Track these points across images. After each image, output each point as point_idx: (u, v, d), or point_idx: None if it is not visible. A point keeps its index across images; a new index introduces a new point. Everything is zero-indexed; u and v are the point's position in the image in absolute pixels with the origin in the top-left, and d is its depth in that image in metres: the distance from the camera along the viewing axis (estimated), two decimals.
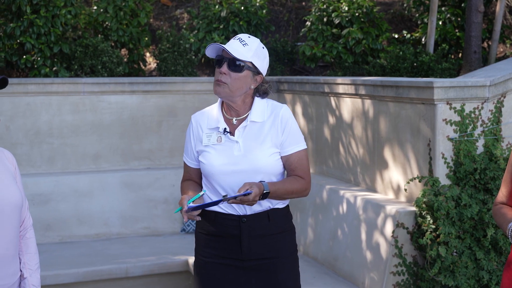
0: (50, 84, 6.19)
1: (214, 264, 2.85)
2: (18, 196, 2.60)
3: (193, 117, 2.96)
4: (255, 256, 2.84)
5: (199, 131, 2.89)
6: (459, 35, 7.13)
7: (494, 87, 4.55)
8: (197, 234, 2.96)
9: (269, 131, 2.86)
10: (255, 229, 2.83)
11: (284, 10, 8.43)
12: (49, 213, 5.95)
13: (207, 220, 2.86)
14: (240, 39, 2.82)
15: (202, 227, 2.91)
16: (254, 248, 2.84)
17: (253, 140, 2.84)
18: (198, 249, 2.94)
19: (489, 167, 4.39)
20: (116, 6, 7.00)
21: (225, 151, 2.82)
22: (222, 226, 2.83)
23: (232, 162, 2.80)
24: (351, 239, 4.87)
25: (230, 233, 2.83)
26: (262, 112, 2.88)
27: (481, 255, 4.27)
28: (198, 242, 2.94)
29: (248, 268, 2.84)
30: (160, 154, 6.53)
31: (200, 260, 2.91)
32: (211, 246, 2.87)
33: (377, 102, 5.04)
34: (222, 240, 2.84)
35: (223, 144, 2.83)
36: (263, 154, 2.83)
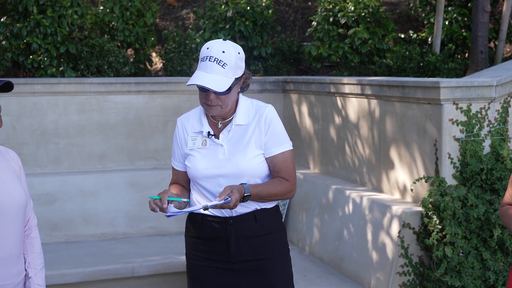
0: (57, 84, 6.20)
1: (203, 267, 2.87)
2: (23, 196, 2.61)
3: (178, 120, 2.95)
4: (244, 257, 2.84)
5: (184, 134, 2.91)
6: (466, 35, 7.11)
7: (501, 87, 4.54)
8: (186, 237, 2.98)
9: (253, 132, 2.83)
10: (242, 230, 2.83)
11: (290, 10, 8.42)
12: (55, 213, 5.96)
13: (194, 223, 2.90)
14: (218, 60, 2.71)
15: (190, 230, 2.94)
16: (243, 249, 2.83)
17: (237, 143, 2.83)
18: (187, 252, 2.97)
19: (496, 167, 4.38)
20: (122, 6, 7.01)
21: (210, 155, 2.83)
22: (209, 229, 2.85)
23: (216, 165, 2.81)
24: (357, 239, 4.86)
25: (217, 235, 2.84)
26: (246, 114, 2.85)
27: (488, 256, 4.25)
28: (187, 245, 2.97)
29: (237, 270, 2.84)
30: (166, 154, 6.53)
31: (190, 263, 2.93)
32: (199, 249, 2.89)
33: (383, 102, 5.03)
34: (210, 242, 2.86)
35: (207, 147, 2.84)
36: (247, 157, 2.81)
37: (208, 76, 2.72)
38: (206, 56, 2.73)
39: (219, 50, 2.73)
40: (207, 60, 2.72)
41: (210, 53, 2.73)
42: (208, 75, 2.72)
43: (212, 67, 2.72)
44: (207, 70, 2.72)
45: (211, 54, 2.73)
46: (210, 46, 2.75)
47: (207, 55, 2.73)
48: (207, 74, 2.72)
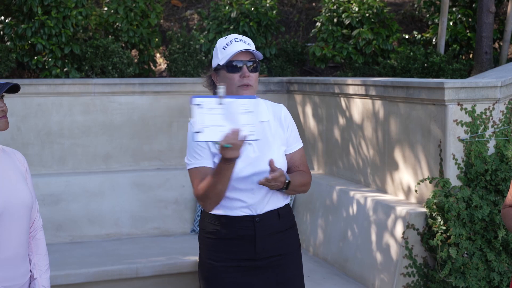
0: (61, 85, 6.22)
1: (225, 267, 2.85)
2: (29, 197, 2.62)
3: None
4: (267, 254, 2.87)
5: None
6: (470, 36, 7.11)
7: (506, 88, 4.53)
8: (204, 238, 2.93)
9: (276, 130, 2.90)
10: (268, 227, 2.86)
11: (294, 11, 8.42)
12: (60, 213, 5.97)
13: (217, 224, 2.86)
14: (243, 40, 2.83)
15: (210, 232, 2.89)
16: (266, 246, 2.86)
17: (265, 140, 2.85)
18: (206, 253, 2.92)
19: (500, 168, 4.37)
20: (126, 7, 7.02)
21: (242, 154, 2.78)
22: (235, 228, 2.84)
23: (250, 164, 2.81)
24: (361, 240, 4.86)
25: (244, 234, 2.84)
26: (265, 111, 2.91)
27: (492, 257, 4.25)
28: (205, 247, 2.92)
29: (260, 267, 2.86)
30: (171, 155, 6.55)
31: (209, 264, 2.89)
32: (220, 250, 2.86)
33: (387, 103, 5.03)
34: (234, 242, 2.84)
35: None
36: (277, 153, 2.87)
37: (244, 45, 2.80)
38: (231, 40, 2.81)
39: (237, 35, 2.85)
40: (235, 41, 2.81)
41: (232, 37, 2.83)
42: (244, 45, 2.80)
43: (242, 42, 2.81)
44: (240, 43, 2.81)
45: (233, 37, 2.83)
46: (229, 35, 2.86)
47: (232, 38, 2.82)
48: (243, 44, 2.81)
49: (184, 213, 6.30)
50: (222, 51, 2.81)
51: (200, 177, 2.78)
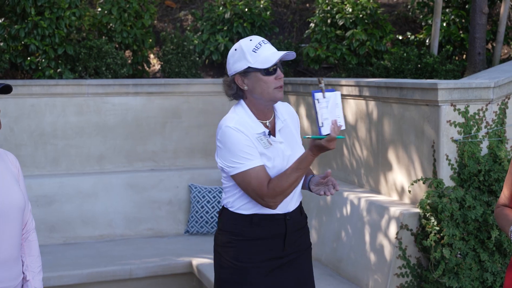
0: (55, 86, 6.21)
1: (257, 268, 2.86)
2: (21, 198, 2.61)
3: (234, 125, 2.81)
4: (293, 250, 2.94)
5: (250, 136, 2.82)
6: (463, 37, 7.12)
7: (499, 89, 4.55)
8: (228, 241, 2.88)
9: (293, 127, 3.00)
10: (295, 224, 2.94)
11: (288, 11, 8.43)
12: (53, 214, 5.96)
13: (247, 224, 2.86)
14: (269, 43, 2.86)
15: (237, 233, 2.87)
16: (294, 242, 2.94)
17: (290, 138, 2.94)
18: (231, 255, 2.87)
19: (494, 168, 4.38)
20: (120, 8, 7.01)
21: (279, 153, 2.86)
22: (268, 227, 2.87)
23: (287, 162, 2.86)
24: (355, 240, 4.86)
25: (276, 232, 2.88)
26: (281, 111, 2.97)
27: (485, 257, 4.26)
28: (230, 249, 2.88)
29: (286, 264, 2.92)
30: (164, 156, 6.54)
31: (235, 265, 2.86)
32: (248, 251, 2.86)
33: (381, 103, 5.04)
34: (264, 241, 2.87)
35: (273, 147, 2.85)
36: (302, 150, 2.95)
37: (277, 51, 2.83)
38: (259, 42, 2.82)
39: (260, 38, 2.86)
40: (264, 44, 2.83)
41: (257, 39, 2.84)
42: (275, 50, 2.83)
43: (270, 45, 2.85)
44: (269, 46, 2.83)
45: (259, 39, 2.84)
46: (252, 38, 2.86)
47: (259, 40, 2.83)
48: (272, 47, 2.84)
49: (177, 214, 6.29)
50: (253, 54, 2.80)
51: (259, 177, 2.76)
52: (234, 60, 2.85)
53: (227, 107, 6.69)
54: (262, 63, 2.78)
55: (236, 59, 2.84)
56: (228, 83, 2.89)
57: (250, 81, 2.82)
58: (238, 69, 2.83)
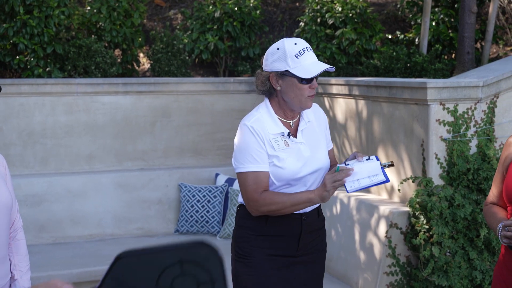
0: (44, 85, 6.18)
1: (269, 261, 2.88)
2: (8, 197, 2.59)
3: (250, 124, 2.83)
4: (307, 250, 2.93)
5: (263, 136, 2.81)
6: (452, 36, 7.15)
7: (487, 88, 4.57)
8: (245, 236, 2.90)
9: (319, 128, 2.98)
10: (311, 225, 2.93)
11: (278, 10, 8.43)
12: (42, 214, 5.93)
13: (263, 222, 2.86)
14: (311, 50, 2.84)
15: (251, 228, 2.89)
16: (308, 243, 2.93)
17: (313, 140, 2.91)
18: (248, 250, 2.89)
19: (482, 167, 4.40)
20: (109, 7, 6.98)
21: (296, 154, 2.83)
22: (283, 226, 2.87)
23: (305, 164, 2.83)
24: (345, 239, 4.87)
25: (292, 231, 2.88)
26: (307, 111, 2.95)
27: (474, 255, 4.28)
28: (248, 244, 2.89)
29: (299, 264, 2.92)
30: (154, 155, 6.53)
31: (254, 259, 2.89)
32: (266, 246, 2.88)
33: (370, 102, 5.05)
34: (280, 239, 2.88)
35: (291, 147, 2.83)
36: (324, 152, 2.95)
37: (320, 63, 2.81)
38: (303, 48, 2.79)
39: (305, 44, 2.82)
40: (307, 51, 2.80)
41: (302, 44, 2.80)
42: (317, 60, 2.82)
43: (313, 53, 2.83)
44: (312, 55, 2.81)
45: (304, 45, 2.80)
46: (297, 41, 2.82)
47: (303, 46, 2.80)
48: (315, 58, 2.82)
49: (167, 213, 6.28)
50: (295, 59, 2.77)
51: (257, 182, 2.78)
52: (273, 59, 2.82)
53: (216, 106, 6.69)
54: (302, 72, 2.76)
55: (276, 58, 2.81)
56: (263, 80, 2.87)
57: (284, 84, 2.81)
58: (275, 69, 2.82)
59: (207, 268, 1.42)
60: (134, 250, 1.39)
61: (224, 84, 6.71)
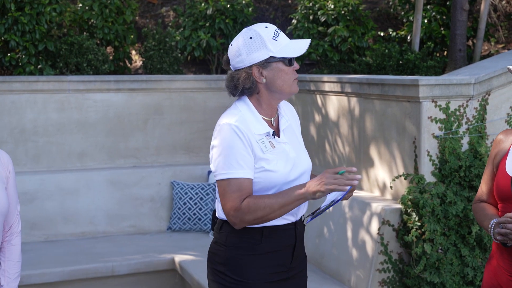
0: (35, 82, 6.15)
1: (264, 283, 2.60)
2: (4, 203, 2.52)
3: (234, 125, 2.51)
4: (298, 261, 2.71)
5: (250, 138, 2.52)
6: (444, 33, 7.17)
7: (479, 85, 4.58)
8: (236, 257, 2.58)
9: (296, 127, 2.76)
10: (302, 233, 2.73)
11: (270, 8, 8.43)
12: (34, 212, 5.91)
13: (257, 237, 2.57)
14: (278, 29, 2.61)
15: (244, 248, 2.58)
16: (299, 254, 2.72)
17: (294, 139, 2.70)
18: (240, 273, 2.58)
19: (474, 164, 4.42)
20: (101, 4, 6.96)
21: (283, 156, 2.57)
22: (279, 239, 2.60)
23: (294, 165, 2.60)
24: (337, 237, 4.88)
25: (287, 244, 2.63)
26: (284, 109, 2.74)
27: (466, 252, 4.29)
28: (240, 266, 2.58)
29: (291, 278, 2.69)
30: (146, 152, 6.51)
31: (248, 283, 2.58)
32: (254, 266, 2.58)
33: (363, 100, 5.05)
34: (275, 255, 2.61)
35: (277, 148, 2.57)
36: (306, 151, 2.74)
37: (301, 40, 2.60)
38: (276, 30, 2.58)
39: (274, 26, 2.62)
40: (279, 31, 2.59)
41: (273, 27, 2.59)
42: (294, 40, 2.60)
43: (284, 33, 2.62)
44: (283, 35, 2.60)
45: (274, 27, 2.60)
46: (265, 24, 2.60)
47: (274, 28, 2.59)
48: (294, 40, 2.60)
49: (160, 211, 6.27)
50: (274, 42, 2.54)
51: (240, 189, 2.47)
52: (250, 50, 2.53)
53: (209, 103, 6.68)
54: (288, 52, 2.54)
55: (254, 48, 2.53)
56: (245, 77, 2.55)
57: (270, 73, 2.54)
58: (256, 60, 2.53)
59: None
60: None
61: (216, 81, 6.70)
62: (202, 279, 4.71)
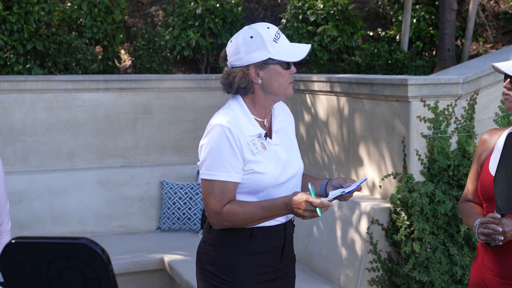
0: (24, 82, 6.13)
1: (253, 284, 2.60)
2: None
3: (226, 126, 2.48)
4: (286, 261, 2.72)
5: (240, 140, 2.50)
6: (433, 33, 7.19)
7: (467, 85, 4.60)
8: (225, 258, 2.57)
9: (289, 127, 2.75)
10: (291, 234, 2.74)
11: (260, 7, 8.43)
12: (23, 212, 5.89)
13: (246, 238, 2.56)
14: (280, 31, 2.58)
15: (233, 248, 2.57)
16: (288, 254, 2.73)
17: (287, 141, 2.68)
18: (230, 273, 2.57)
19: (462, 163, 4.44)
20: (90, 3, 6.94)
21: (274, 158, 2.56)
22: (269, 240, 2.60)
23: (285, 167, 2.58)
24: (327, 236, 4.89)
25: (276, 245, 2.63)
26: (278, 110, 2.73)
27: (455, 251, 4.31)
28: (230, 266, 2.58)
29: (279, 278, 2.69)
30: (135, 152, 6.50)
31: (237, 284, 2.57)
32: (249, 266, 2.58)
33: (352, 99, 5.06)
34: (264, 255, 2.61)
35: (268, 150, 2.55)
36: (299, 153, 2.73)
37: (300, 45, 2.58)
38: (277, 31, 2.54)
39: (276, 27, 2.59)
40: (281, 33, 2.56)
41: (275, 28, 2.56)
42: (294, 43, 2.59)
43: (286, 36, 2.60)
44: (284, 38, 2.57)
45: (276, 28, 2.56)
46: (267, 25, 2.56)
47: (276, 29, 2.55)
48: (294, 44, 2.59)
49: (149, 211, 6.26)
50: (274, 44, 2.51)
51: (224, 192, 2.47)
52: (249, 50, 2.50)
53: (198, 103, 6.68)
54: (287, 55, 2.52)
55: (253, 48, 2.49)
56: (241, 76, 2.52)
57: (267, 75, 2.52)
58: (254, 60, 2.50)
59: (92, 266, 1.49)
60: (25, 237, 1.45)
61: (205, 81, 6.69)
62: (192, 279, 4.70)
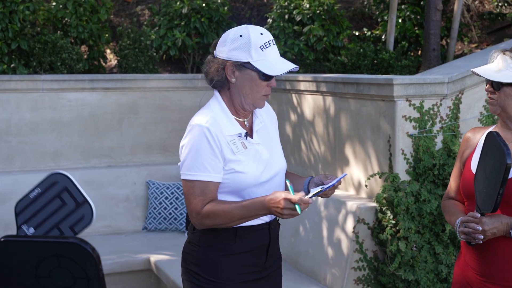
0: (8, 81, 6.08)
1: (238, 283, 2.59)
2: None
3: (205, 126, 2.48)
4: (272, 260, 2.71)
5: (220, 140, 2.49)
6: (419, 33, 7.22)
7: (452, 84, 4.62)
8: (209, 258, 2.57)
9: (271, 126, 2.74)
10: (277, 233, 2.73)
11: (246, 7, 8.42)
12: (7, 213, 5.83)
13: (230, 238, 2.55)
14: (275, 45, 2.54)
15: (217, 248, 2.56)
16: (274, 253, 2.72)
17: (268, 140, 2.68)
18: (214, 273, 2.56)
19: (448, 162, 4.46)
20: (75, 2, 6.90)
21: (256, 157, 2.55)
22: (253, 240, 2.59)
23: (267, 167, 2.58)
24: (313, 235, 4.90)
25: (261, 244, 2.62)
26: (260, 109, 2.68)
27: (440, 250, 4.33)
28: (214, 266, 2.57)
29: (265, 277, 2.68)
30: (121, 152, 6.48)
31: (221, 283, 2.56)
32: (235, 265, 2.58)
33: (338, 99, 5.07)
34: (249, 255, 2.60)
35: (249, 149, 2.55)
36: (281, 152, 2.72)
37: (285, 61, 2.53)
38: (269, 41, 2.50)
39: (270, 37, 2.55)
40: (272, 44, 2.52)
41: (268, 36, 2.51)
42: (280, 57, 2.54)
43: (277, 50, 2.55)
44: (278, 53, 2.54)
45: (269, 37, 2.52)
46: (262, 31, 2.52)
47: (269, 39, 2.51)
48: (280, 57, 2.54)
49: (135, 211, 6.24)
50: (259, 51, 2.47)
51: (204, 193, 2.48)
52: (234, 47, 2.48)
53: (184, 102, 6.66)
54: (266, 67, 2.47)
55: (237, 46, 2.48)
56: (218, 68, 2.51)
57: (241, 77, 2.50)
58: (234, 58, 2.49)
59: (82, 265, 1.50)
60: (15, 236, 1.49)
61: (192, 80, 6.68)
62: (178, 279, 4.69)
